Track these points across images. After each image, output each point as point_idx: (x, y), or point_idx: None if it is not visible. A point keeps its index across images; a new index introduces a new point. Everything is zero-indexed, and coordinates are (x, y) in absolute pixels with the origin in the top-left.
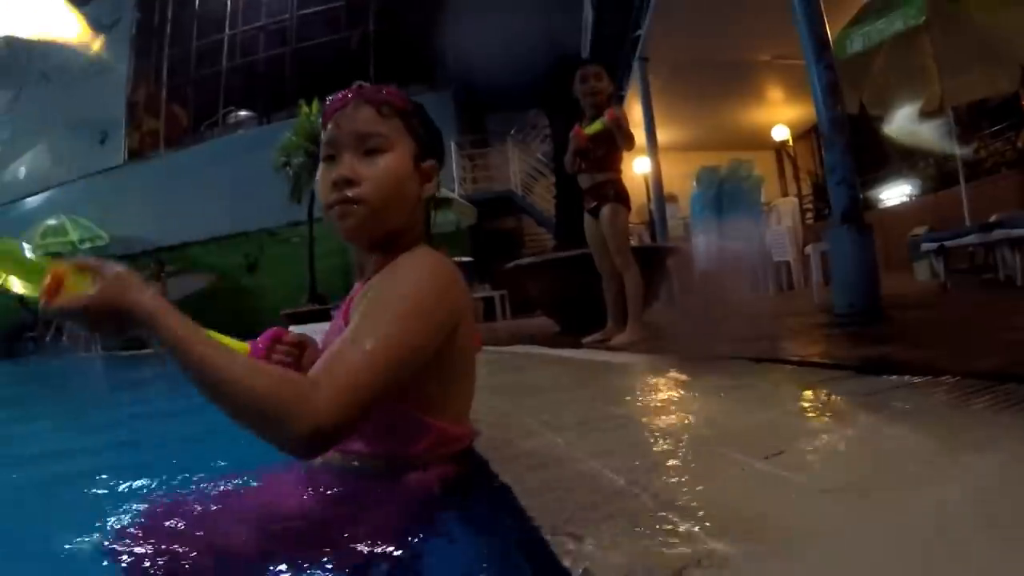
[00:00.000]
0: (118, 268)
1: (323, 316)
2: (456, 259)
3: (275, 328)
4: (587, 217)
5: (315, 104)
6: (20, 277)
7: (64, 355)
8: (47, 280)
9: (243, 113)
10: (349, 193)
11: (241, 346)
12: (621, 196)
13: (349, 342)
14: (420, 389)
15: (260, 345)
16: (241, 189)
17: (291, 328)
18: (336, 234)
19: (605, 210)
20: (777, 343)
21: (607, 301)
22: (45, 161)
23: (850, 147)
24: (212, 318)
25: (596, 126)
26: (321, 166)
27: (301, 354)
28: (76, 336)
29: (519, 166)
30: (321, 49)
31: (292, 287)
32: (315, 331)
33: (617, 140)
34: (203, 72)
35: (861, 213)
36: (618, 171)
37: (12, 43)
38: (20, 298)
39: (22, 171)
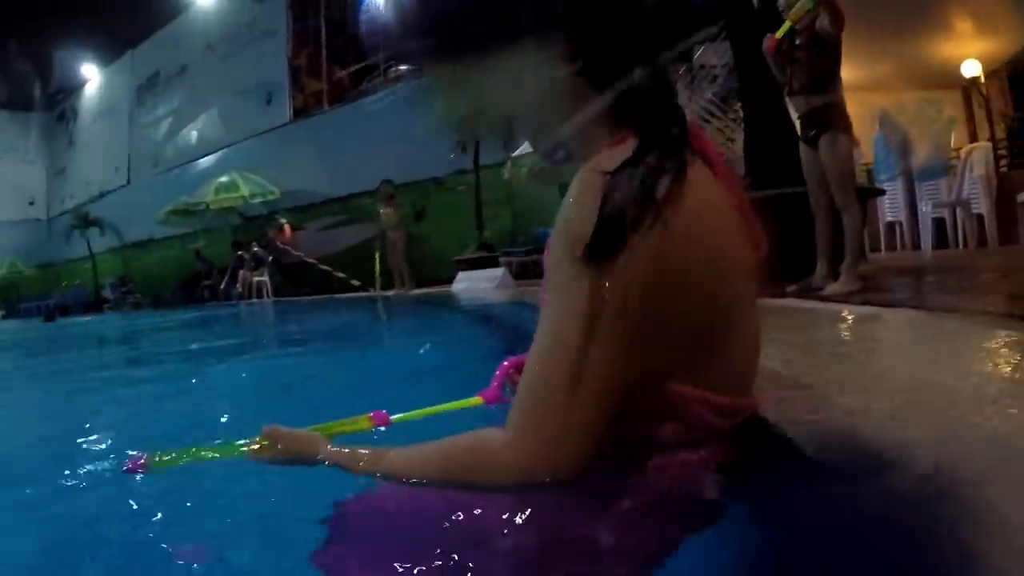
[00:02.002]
0: (296, 437)
1: (491, 263)
2: None
3: (507, 361)
4: (803, 147)
5: None
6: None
7: (236, 301)
8: (252, 448)
9: (403, 66)
10: None
11: (472, 400)
12: (843, 122)
13: (529, 354)
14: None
15: (494, 387)
16: (406, 140)
17: (460, 274)
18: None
19: (824, 139)
20: None
21: (819, 244)
22: (215, 124)
23: None
24: (382, 266)
25: (799, 8)
26: None
27: None
28: (248, 285)
29: (689, 107)
30: None
31: (460, 234)
32: (484, 278)
33: (826, 21)
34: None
35: None
36: (838, 93)
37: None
38: (197, 251)
39: (194, 135)
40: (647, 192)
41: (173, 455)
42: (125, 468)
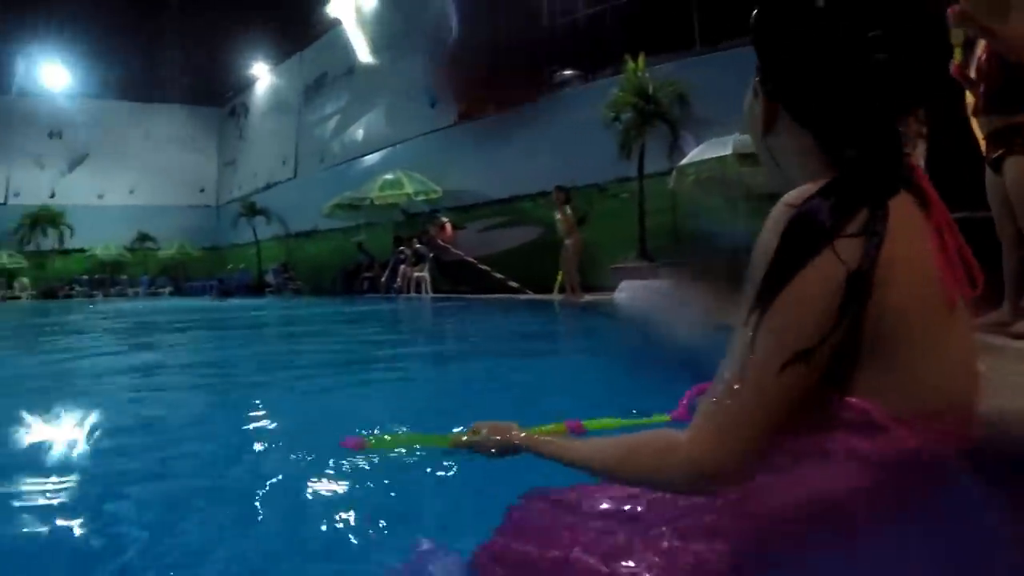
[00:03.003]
0: (497, 425)
1: (650, 272)
2: None
3: (692, 389)
4: (988, 171)
5: (641, 59)
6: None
7: (395, 295)
8: (459, 437)
9: (567, 72)
10: None
11: (660, 418)
12: None
13: (719, 369)
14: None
15: (682, 408)
16: (568, 146)
17: (623, 283)
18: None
19: (1009, 162)
20: None
21: (1006, 277)
22: (380, 124)
23: None
24: (541, 268)
25: (954, 36)
26: None
27: None
28: (408, 280)
29: None
30: (642, 3)
31: (621, 242)
32: (643, 287)
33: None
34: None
35: None
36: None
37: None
38: (359, 243)
39: (360, 133)
40: (828, 225)
41: (388, 439)
42: (344, 444)
